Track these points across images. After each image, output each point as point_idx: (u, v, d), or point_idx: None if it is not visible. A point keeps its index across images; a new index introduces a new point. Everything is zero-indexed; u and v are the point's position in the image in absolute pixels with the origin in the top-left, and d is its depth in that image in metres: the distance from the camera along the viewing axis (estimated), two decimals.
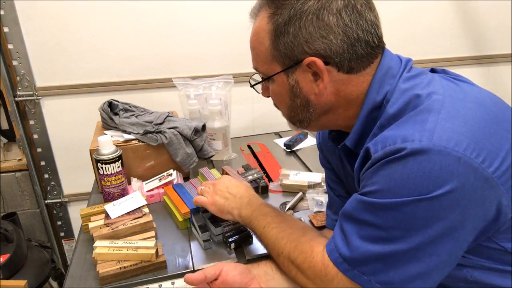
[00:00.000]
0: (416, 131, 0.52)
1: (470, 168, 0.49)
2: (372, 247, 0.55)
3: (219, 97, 1.33)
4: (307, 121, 0.68)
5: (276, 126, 1.65)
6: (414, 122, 0.54)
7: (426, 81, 0.60)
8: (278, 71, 0.64)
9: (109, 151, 1.01)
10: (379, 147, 0.55)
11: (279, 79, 0.65)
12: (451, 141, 0.50)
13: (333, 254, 0.60)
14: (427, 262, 0.53)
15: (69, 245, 1.75)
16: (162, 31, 1.48)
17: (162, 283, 0.81)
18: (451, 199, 0.50)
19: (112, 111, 1.25)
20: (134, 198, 1.00)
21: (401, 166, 0.51)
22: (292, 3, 0.59)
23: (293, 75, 0.63)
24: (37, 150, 1.56)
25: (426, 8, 1.68)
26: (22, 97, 1.46)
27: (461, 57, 1.80)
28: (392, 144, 0.53)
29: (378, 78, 0.62)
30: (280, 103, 0.70)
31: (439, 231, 0.51)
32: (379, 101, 0.61)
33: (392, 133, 0.55)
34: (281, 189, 1.15)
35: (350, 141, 0.66)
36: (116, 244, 0.84)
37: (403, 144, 0.51)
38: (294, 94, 0.65)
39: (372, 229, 0.55)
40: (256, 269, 0.73)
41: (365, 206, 0.56)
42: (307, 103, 0.65)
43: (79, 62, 1.46)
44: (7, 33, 1.38)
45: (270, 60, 0.64)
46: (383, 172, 0.54)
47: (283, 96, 0.67)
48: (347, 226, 0.59)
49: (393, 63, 0.63)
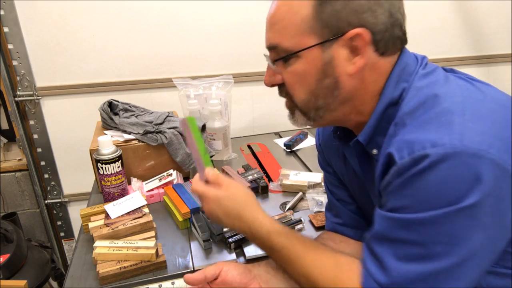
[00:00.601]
0: (445, 134, 0.49)
1: (504, 170, 0.47)
2: (413, 267, 0.50)
3: (219, 97, 1.33)
4: (325, 109, 0.61)
5: (276, 126, 1.65)
6: (438, 124, 0.51)
7: (441, 80, 0.58)
8: (312, 44, 0.57)
9: (109, 151, 1.01)
10: (405, 153, 0.51)
11: (310, 55, 0.58)
12: (484, 143, 0.47)
13: (368, 282, 0.54)
14: (471, 275, 0.50)
15: (69, 245, 1.75)
16: (162, 31, 1.49)
17: (162, 283, 0.81)
18: (489, 204, 0.47)
19: (112, 111, 1.25)
20: (134, 198, 1.00)
21: (434, 174, 0.48)
22: None
23: (330, 49, 0.57)
24: (37, 150, 1.56)
25: (426, 8, 1.68)
26: (22, 97, 1.46)
27: (461, 57, 1.80)
28: (421, 149, 0.49)
29: (396, 73, 0.59)
30: (299, 86, 0.61)
31: (480, 241, 0.49)
32: (396, 97, 0.59)
33: (416, 136, 0.51)
34: (281, 189, 1.15)
35: (363, 137, 0.62)
36: (116, 244, 0.84)
37: (433, 149, 0.48)
38: (324, 73, 0.58)
39: (410, 247, 0.51)
40: (257, 269, 0.73)
41: (400, 223, 0.51)
42: (335, 85, 0.59)
43: (79, 62, 1.46)
44: (7, 33, 1.38)
45: (303, 32, 0.57)
46: (416, 183, 0.49)
47: (308, 76, 0.59)
48: (379, 248, 0.54)
49: (410, 60, 0.61)
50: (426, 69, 0.61)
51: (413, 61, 0.62)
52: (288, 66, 0.60)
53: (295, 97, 0.62)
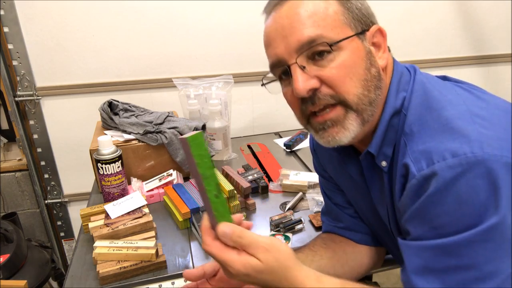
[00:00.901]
0: (463, 143, 0.47)
1: None
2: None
3: (219, 97, 1.33)
4: (374, 104, 0.58)
5: (276, 126, 1.64)
6: (451, 132, 0.50)
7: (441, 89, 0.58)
8: (352, 34, 0.57)
9: (109, 151, 1.01)
10: (423, 164, 0.49)
11: (353, 45, 0.56)
12: (503, 149, 0.46)
13: None
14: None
15: (69, 245, 1.75)
16: (162, 31, 1.49)
17: (162, 283, 0.81)
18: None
19: (112, 111, 1.25)
20: (134, 198, 1.00)
21: (462, 185, 0.46)
22: None
23: (366, 41, 0.58)
24: (37, 150, 1.56)
25: (426, 8, 1.68)
26: (22, 97, 1.46)
27: (461, 57, 1.80)
28: (441, 159, 0.47)
29: (395, 82, 0.60)
30: (350, 79, 0.56)
31: None
32: (398, 107, 0.59)
33: (433, 146, 0.50)
34: (281, 189, 1.15)
35: (374, 148, 0.60)
36: (116, 244, 0.84)
37: (455, 159, 0.46)
38: (370, 61, 0.57)
39: (461, 272, 0.47)
40: None
41: (443, 250, 0.47)
42: (379, 76, 0.58)
43: (79, 62, 1.46)
44: (7, 33, 1.38)
45: (340, 24, 0.56)
46: (446, 199, 0.47)
47: (357, 66, 0.56)
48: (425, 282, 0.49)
49: (404, 70, 0.62)
50: (422, 77, 0.61)
51: (406, 71, 0.63)
52: (332, 61, 0.56)
53: (348, 94, 0.56)
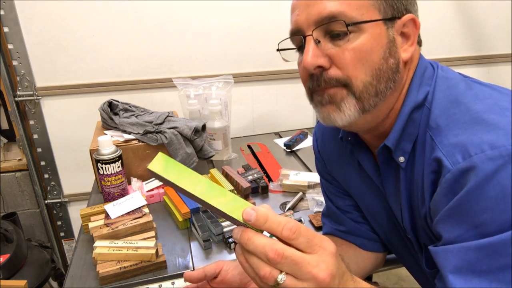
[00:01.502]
0: (500, 135, 0.46)
1: None
2: None
3: (219, 97, 1.33)
4: (381, 96, 0.56)
5: (276, 126, 1.64)
6: (484, 125, 0.48)
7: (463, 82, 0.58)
8: (379, 18, 0.54)
9: (109, 151, 1.01)
10: (458, 157, 0.47)
11: (376, 30, 0.54)
12: None
13: None
14: None
15: (69, 245, 1.75)
16: (162, 31, 1.49)
17: (162, 283, 0.81)
18: None
19: (112, 111, 1.25)
20: (134, 198, 1.00)
21: (506, 178, 0.43)
22: None
23: (392, 29, 0.55)
24: (37, 150, 1.56)
25: (426, 8, 1.68)
26: (22, 97, 1.46)
27: (461, 57, 1.80)
28: (480, 151, 0.45)
29: (419, 75, 0.59)
30: (362, 65, 0.54)
31: None
32: (420, 100, 0.57)
33: (466, 138, 0.48)
34: (281, 189, 1.15)
35: (392, 141, 0.58)
36: (116, 244, 0.84)
37: (494, 151, 0.44)
38: (390, 51, 0.55)
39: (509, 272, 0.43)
40: None
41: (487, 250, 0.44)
42: (397, 68, 0.56)
43: (79, 62, 1.46)
44: (7, 33, 1.38)
45: (369, 6, 0.54)
46: (488, 193, 0.44)
47: (374, 53, 0.54)
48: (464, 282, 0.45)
49: (428, 65, 0.62)
50: (444, 72, 0.61)
51: (430, 66, 0.62)
52: (348, 42, 0.54)
53: (355, 80, 0.54)
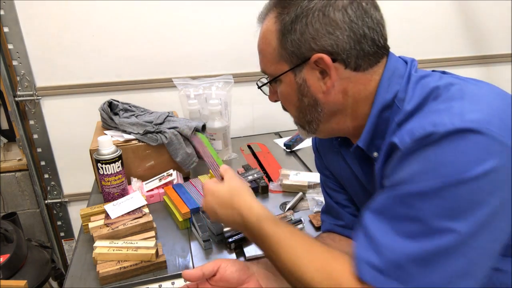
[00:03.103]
0: (445, 116, 0.50)
1: (504, 146, 0.47)
2: (411, 245, 0.48)
3: (219, 97, 1.33)
4: (316, 122, 0.66)
5: (276, 126, 1.65)
6: (438, 111, 0.52)
7: (437, 77, 0.61)
8: (286, 70, 0.63)
9: (109, 151, 1.01)
10: (406, 138, 0.52)
11: (287, 79, 0.64)
12: (483, 120, 0.48)
13: (361, 268, 0.51)
14: (470, 256, 0.47)
15: (69, 245, 1.75)
16: (162, 31, 1.48)
17: (162, 283, 0.81)
18: (490, 180, 0.47)
19: (112, 111, 1.25)
20: (134, 198, 1.00)
21: (434, 148, 0.48)
22: (298, 2, 0.60)
23: (301, 73, 0.63)
24: (37, 150, 1.56)
25: (426, 8, 1.68)
26: (22, 97, 1.45)
27: (461, 57, 1.80)
28: (421, 130, 0.50)
29: (387, 78, 0.62)
30: (288, 104, 0.68)
31: (481, 218, 0.47)
32: (389, 100, 0.61)
33: (417, 122, 0.52)
34: (281, 189, 1.15)
35: (362, 142, 0.64)
36: (116, 244, 0.84)
37: (434, 128, 0.49)
38: (301, 93, 0.64)
39: (409, 224, 0.49)
40: (255, 266, 0.73)
41: (398, 199, 0.51)
42: (315, 102, 0.64)
43: (79, 62, 1.46)
44: (7, 33, 1.38)
45: (278, 60, 0.64)
46: (415, 157, 0.50)
47: (291, 96, 0.66)
48: (375, 227, 0.52)
49: (399, 64, 0.63)
50: (419, 72, 0.63)
51: (402, 65, 0.64)
52: (277, 88, 0.68)
53: (290, 114, 0.70)
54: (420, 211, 0.48)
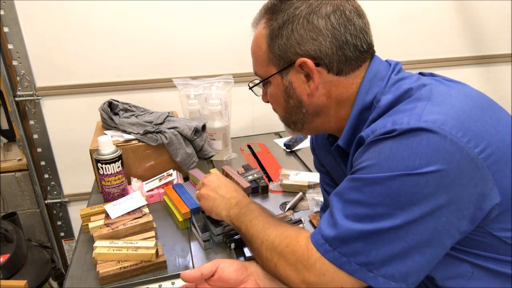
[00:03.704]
0: (405, 115, 0.55)
1: (456, 146, 0.51)
2: (355, 225, 0.55)
3: (219, 97, 1.33)
4: (301, 122, 0.71)
5: (276, 126, 1.65)
6: (404, 110, 0.57)
7: (414, 79, 0.64)
8: (273, 73, 0.68)
9: (109, 151, 1.01)
10: (369, 132, 0.57)
11: (275, 81, 0.69)
12: (438, 121, 0.52)
13: (315, 236, 0.60)
14: (408, 241, 0.53)
15: (69, 245, 1.75)
16: (162, 31, 1.48)
17: (162, 283, 0.81)
18: (438, 177, 0.50)
19: (112, 111, 1.25)
20: (134, 198, 1.00)
21: (390, 143, 0.53)
22: (286, 9, 0.64)
23: (287, 76, 0.67)
24: (37, 150, 1.56)
25: (426, 8, 1.68)
26: (22, 97, 1.46)
27: (461, 57, 1.80)
28: (383, 127, 0.55)
29: (367, 81, 0.65)
30: (276, 105, 0.73)
31: (423, 210, 0.51)
32: (368, 102, 0.64)
33: (383, 120, 0.58)
34: (281, 189, 1.15)
35: (342, 141, 0.68)
36: (116, 244, 0.84)
37: (393, 126, 0.54)
38: (288, 95, 0.69)
39: (357, 206, 0.55)
40: (253, 266, 0.73)
41: (354, 184, 0.57)
42: (300, 104, 0.69)
43: (79, 62, 1.46)
44: (7, 33, 1.38)
45: (267, 63, 0.69)
46: (373, 148, 0.55)
47: (279, 98, 0.71)
48: (335, 205, 0.59)
49: (382, 67, 0.66)
50: (398, 75, 0.65)
51: (385, 68, 0.67)
52: (267, 89, 0.73)
53: (277, 113, 0.75)
54: (367, 197, 0.55)
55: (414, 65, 1.71)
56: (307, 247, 0.60)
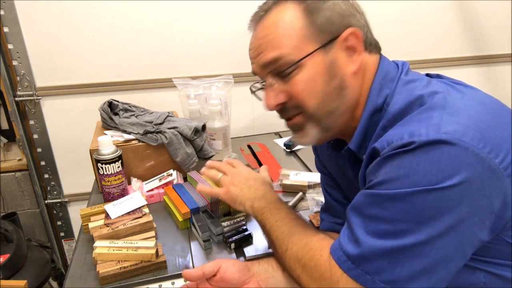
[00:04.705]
0: (422, 126, 0.52)
1: (478, 158, 0.49)
2: (378, 242, 0.53)
3: (219, 97, 1.33)
4: (335, 114, 0.64)
5: (276, 126, 1.65)
6: (419, 120, 0.55)
7: (425, 82, 0.62)
8: (314, 49, 0.61)
9: (109, 151, 1.01)
10: (385, 144, 0.55)
11: (312, 61, 0.61)
12: (458, 132, 0.50)
13: (336, 252, 0.58)
14: (433, 256, 0.51)
15: (69, 245, 1.75)
16: (162, 31, 1.49)
17: (162, 283, 0.81)
18: (460, 190, 0.49)
19: (112, 111, 1.25)
20: (134, 198, 1.00)
21: (409, 156, 0.51)
22: None
23: (331, 52, 0.62)
24: (37, 150, 1.56)
25: (426, 8, 1.68)
26: (22, 97, 1.46)
27: (461, 57, 1.80)
28: (399, 139, 0.53)
29: (378, 81, 0.64)
30: (309, 92, 0.63)
31: (447, 224, 0.50)
32: (380, 104, 0.62)
33: (398, 131, 0.55)
34: (281, 189, 1.15)
35: (354, 144, 0.65)
36: (116, 244, 0.84)
37: (411, 138, 0.51)
38: (330, 75, 0.62)
39: (379, 223, 0.54)
40: (256, 267, 0.73)
41: (373, 199, 0.55)
42: (343, 84, 0.63)
43: (79, 62, 1.46)
44: (7, 33, 1.38)
45: (302, 41, 0.61)
46: (391, 163, 0.53)
47: (316, 81, 0.62)
48: (354, 221, 0.57)
49: (391, 68, 0.65)
50: (408, 75, 0.64)
51: (394, 68, 0.65)
52: (292, 78, 0.63)
53: (308, 105, 0.63)
54: (389, 213, 0.53)
55: (414, 65, 1.71)
56: (330, 264, 0.58)
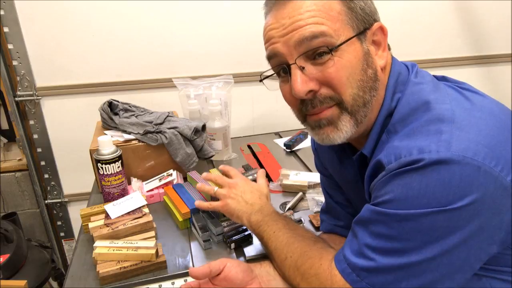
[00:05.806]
0: (432, 142, 0.50)
1: (490, 177, 0.48)
2: (384, 259, 0.53)
3: (219, 97, 1.33)
4: (368, 106, 0.60)
5: (276, 126, 1.64)
6: (427, 132, 0.53)
7: (431, 88, 0.60)
8: (353, 35, 0.58)
9: (109, 151, 1.01)
10: (392, 158, 0.53)
11: (351, 47, 0.58)
12: (469, 150, 0.49)
13: (341, 264, 0.57)
14: (440, 271, 0.51)
15: (69, 245, 1.75)
16: (162, 31, 1.49)
17: (162, 283, 0.81)
18: (471, 210, 0.48)
19: (112, 111, 1.25)
20: (134, 198, 1.00)
21: (419, 176, 0.50)
22: None
23: (365, 41, 0.60)
24: (37, 150, 1.56)
25: (426, 8, 1.68)
26: (22, 97, 1.46)
27: (461, 57, 1.80)
28: (408, 155, 0.51)
29: (392, 84, 0.62)
30: (347, 79, 0.58)
31: (455, 241, 0.50)
32: (392, 108, 0.61)
33: (406, 144, 0.53)
34: (281, 189, 1.15)
35: (368, 150, 0.63)
36: (116, 244, 0.84)
37: (420, 155, 0.50)
38: (366, 63, 0.59)
39: (386, 241, 0.53)
40: (258, 269, 0.73)
41: (380, 217, 0.54)
42: (376, 76, 0.60)
43: (79, 62, 1.46)
44: (7, 33, 1.38)
45: (342, 25, 0.58)
46: (399, 181, 0.51)
47: (355, 67, 0.58)
48: (360, 236, 0.56)
49: (402, 69, 0.64)
50: (417, 77, 0.62)
51: (405, 70, 0.64)
52: (330, 63, 0.57)
53: (345, 94, 0.58)
54: (397, 232, 0.52)
55: None
56: (331, 273, 0.58)
